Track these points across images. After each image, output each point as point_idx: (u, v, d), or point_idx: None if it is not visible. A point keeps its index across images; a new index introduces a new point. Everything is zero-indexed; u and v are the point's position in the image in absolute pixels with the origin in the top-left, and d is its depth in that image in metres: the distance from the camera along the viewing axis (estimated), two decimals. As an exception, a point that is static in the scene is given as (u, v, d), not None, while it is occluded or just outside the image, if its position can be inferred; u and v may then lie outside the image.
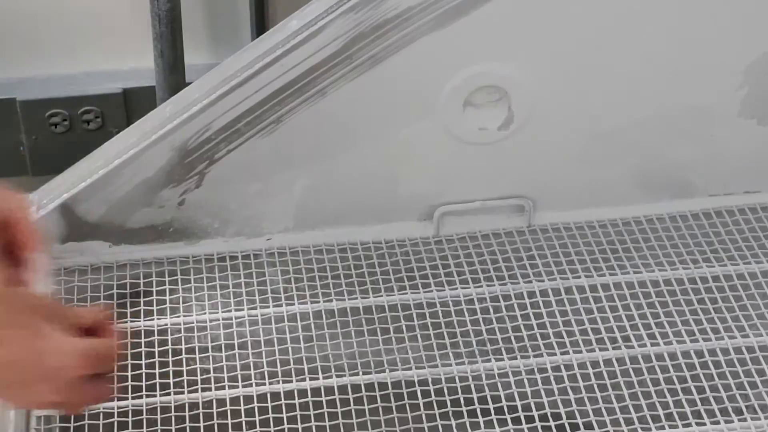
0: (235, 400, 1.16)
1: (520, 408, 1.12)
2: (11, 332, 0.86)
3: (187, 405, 1.16)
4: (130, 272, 1.29)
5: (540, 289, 1.26)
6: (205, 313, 1.23)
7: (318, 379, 1.17)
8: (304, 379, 1.17)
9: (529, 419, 1.12)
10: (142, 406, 1.15)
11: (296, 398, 1.16)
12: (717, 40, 1.26)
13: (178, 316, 1.23)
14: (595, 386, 1.15)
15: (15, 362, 0.85)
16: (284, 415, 1.12)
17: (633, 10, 1.23)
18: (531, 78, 1.27)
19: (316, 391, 1.16)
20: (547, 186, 1.36)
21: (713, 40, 1.26)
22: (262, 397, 1.16)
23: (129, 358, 1.18)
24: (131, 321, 1.22)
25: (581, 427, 1.12)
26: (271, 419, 1.13)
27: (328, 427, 1.11)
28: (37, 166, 1.96)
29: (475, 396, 1.15)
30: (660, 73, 1.28)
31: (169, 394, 1.16)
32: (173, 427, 1.13)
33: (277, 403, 1.15)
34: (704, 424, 1.11)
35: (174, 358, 1.19)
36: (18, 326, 0.86)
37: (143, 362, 1.18)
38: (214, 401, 1.16)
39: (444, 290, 1.27)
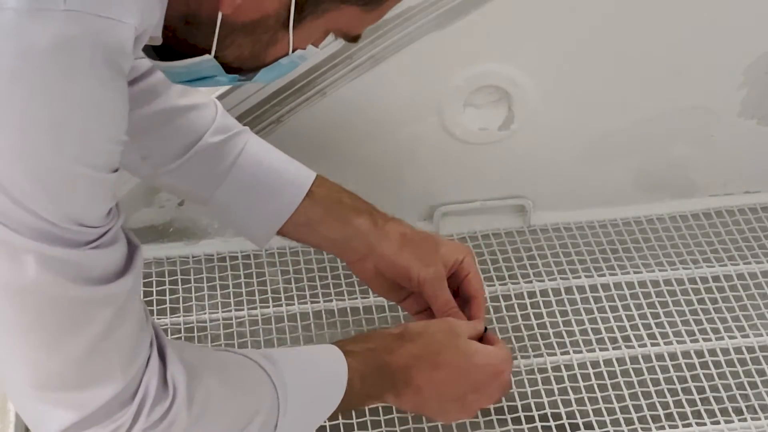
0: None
1: (520, 408, 1.12)
2: (448, 356, 1.03)
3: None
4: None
5: (540, 289, 1.27)
6: (205, 313, 1.23)
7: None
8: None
9: (529, 419, 1.12)
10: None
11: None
12: (717, 40, 1.26)
13: (178, 316, 1.23)
14: (595, 386, 1.15)
15: (456, 379, 1.03)
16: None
17: (633, 11, 1.23)
18: (531, 78, 1.27)
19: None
20: (547, 186, 1.36)
21: (713, 41, 1.26)
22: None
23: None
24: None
25: (581, 427, 1.12)
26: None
27: (327, 427, 1.11)
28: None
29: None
30: (660, 73, 1.28)
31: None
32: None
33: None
34: (704, 424, 1.11)
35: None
36: (451, 347, 1.04)
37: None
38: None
39: (444, 290, 1.27)
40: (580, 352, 1.18)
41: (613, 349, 1.19)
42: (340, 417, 1.11)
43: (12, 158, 0.71)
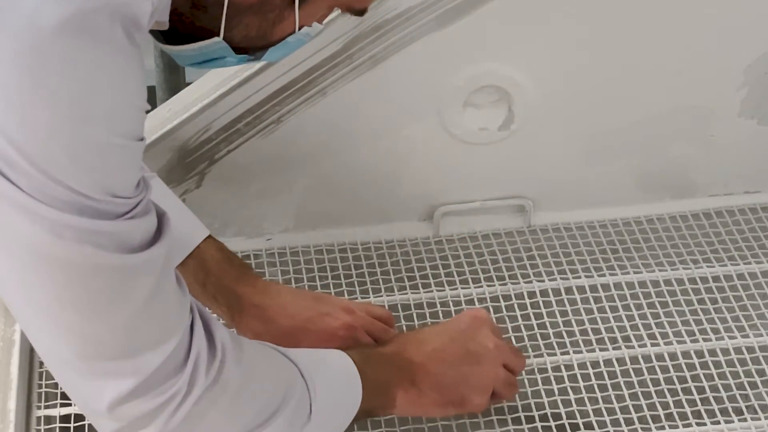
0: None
1: (520, 408, 1.12)
2: (425, 331, 1.07)
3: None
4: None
5: (540, 289, 1.26)
6: (205, 313, 1.23)
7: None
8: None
9: (529, 419, 1.12)
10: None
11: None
12: (717, 40, 1.26)
13: (178, 316, 1.23)
14: (595, 386, 1.15)
15: (447, 340, 1.05)
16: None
17: (633, 11, 1.23)
18: (531, 78, 1.27)
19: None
20: (547, 186, 1.36)
21: (713, 41, 1.26)
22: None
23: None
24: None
25: (581, 427, 1.12)
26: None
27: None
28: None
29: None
30: (660, 73, 1.28)
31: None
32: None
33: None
34: (704, 424, 1.11)
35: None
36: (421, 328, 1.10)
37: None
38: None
39: (444, 290, 1.27)
40: (580, 352, 1.18)
41: (613, 349, 1.19)
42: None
43: (46, 135, 0.72)
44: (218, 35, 0.83)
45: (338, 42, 1.20)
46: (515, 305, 1.25)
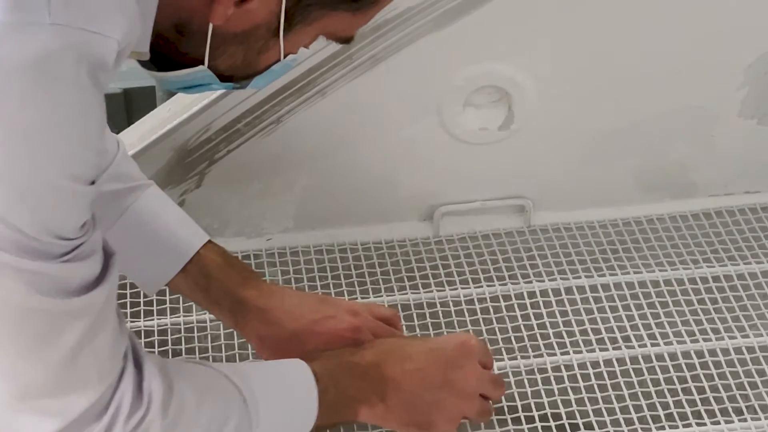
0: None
1: (520, 408, 1.12)
2: (412, 347, 1.05)
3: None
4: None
5: (540, 289, 1.26)
6: (205, 313, 1.22)
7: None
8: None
9: (529, 419, 1.11)
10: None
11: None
12: (717, 40, 1.26)
13: (178, 316, 1.23)
14: (595, 386, 1.15)
15: (430, 363, 1.04)
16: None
17: (633, 11, 1.23)
18: (531, 78, 1.27)
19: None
20: (547, 186, 1.36)
21: (713, 40, 1.26)
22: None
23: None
24: (131, 321, 1.22)
25: (581, 427, 1.11)
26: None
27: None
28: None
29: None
30: (660, 73, 1.28)
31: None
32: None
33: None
34: (704, 424, 1.11)
35: (174, 359, 1.19)
36: (410, 341, 1.07)
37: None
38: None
39: (444, 290, 1.27)
40: (580, 352, 1.18)
41: (613, 349, 1.19)
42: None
43: None
44: (203, 63, 0.83)
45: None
46: (515, 305, 1.25)
